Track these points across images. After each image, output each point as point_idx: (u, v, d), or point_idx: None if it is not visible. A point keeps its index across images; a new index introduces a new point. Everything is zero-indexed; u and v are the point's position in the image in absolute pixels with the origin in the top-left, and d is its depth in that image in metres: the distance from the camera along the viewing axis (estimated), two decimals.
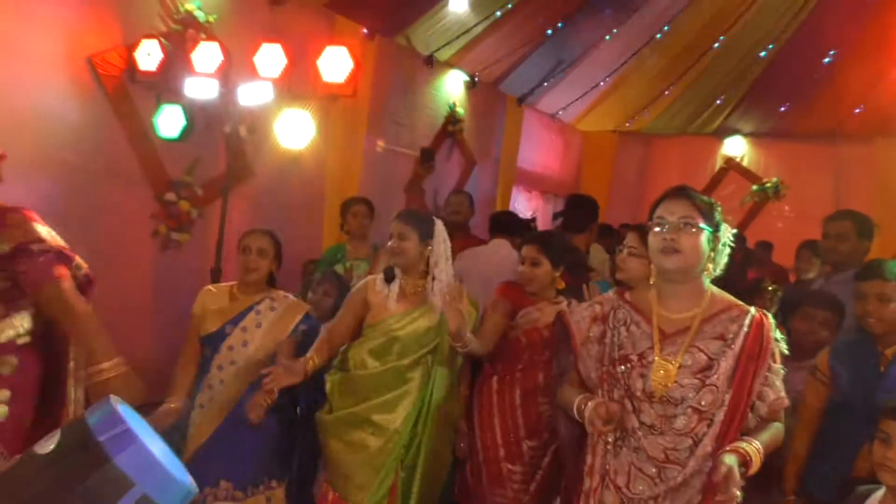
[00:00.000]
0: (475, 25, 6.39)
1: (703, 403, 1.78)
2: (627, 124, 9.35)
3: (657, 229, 1.87)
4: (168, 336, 4.42)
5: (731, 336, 1.82)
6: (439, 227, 2.74)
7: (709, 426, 1.78)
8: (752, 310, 1.88)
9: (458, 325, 2.46)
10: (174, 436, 2.66)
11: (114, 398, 1.06)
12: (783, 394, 1.86)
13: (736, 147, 9.12)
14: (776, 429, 1.87)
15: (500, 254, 3.99)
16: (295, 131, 4.30)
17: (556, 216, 9.66)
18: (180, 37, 4.33)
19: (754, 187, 8.76)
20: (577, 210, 4.43)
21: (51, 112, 3.88)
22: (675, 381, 1.79)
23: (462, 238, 4.68)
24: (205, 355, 2.82)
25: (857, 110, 7.61)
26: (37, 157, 3.84)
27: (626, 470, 1.84)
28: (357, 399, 2.66)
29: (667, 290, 1.90)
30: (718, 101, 8.49)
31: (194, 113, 4.18)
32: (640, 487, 1.81)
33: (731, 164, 9.08)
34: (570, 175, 9.88)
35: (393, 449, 2.62)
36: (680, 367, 1.80)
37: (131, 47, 4.14)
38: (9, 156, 3.45)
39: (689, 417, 1.79)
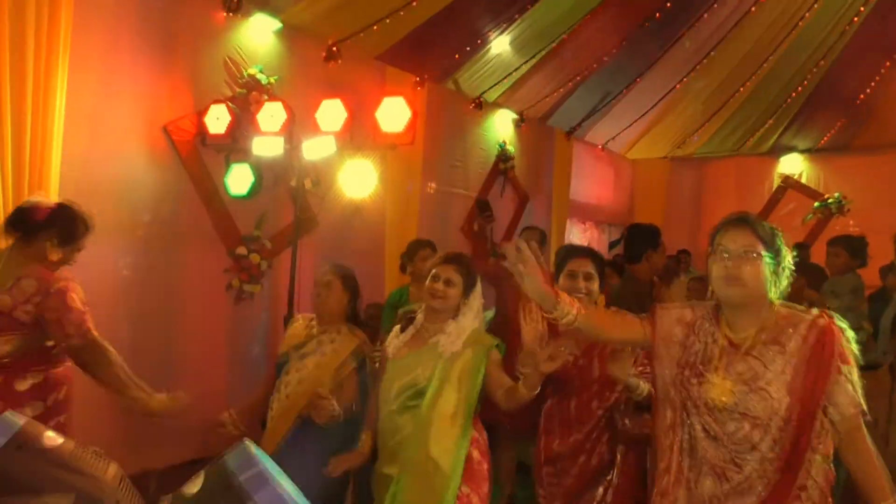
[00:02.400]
0: (521, 65, 6.54)
1: (750, 408, 1.80)
2: (679, 148, 9.31)
3: (719, 258, 1.88)
4: (243, 382, 4.59)
5: (784, 341, 1.82)
6: (479, 281, 2.66)
7: (765, 432, 1.79)
8: (813, 313, 1.86)
9: (532, 338, 2.26)
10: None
11: (247, 441, 1.15)
12: (859, 400, 1.81)
13: (793, 165, 8.98)
14: (874, 462, 1.82)
15: None
16: (358, 181, 4.46)
17: (612, 245, 9.64)
18: (245, 100, 4.59)
19: (816, 204, 8.58)
20: (636, 238, 4.44)
21: (131, 178, 4.14)
22: (733, 392, 1.82)
23: None
24: (276, 378, 2.95)
25: None
26: (120, 221, 4.10)
27: (695, 473, 1.88)
28: (377, 449, 2.61)
29: (731, 313, 1.92)
30: (770, 121, 8.39)
31: (262, 170, 4.39)
32: (707, 485, 1.85)
33: (788, 182, 8.92)
34: (623, 204, 9.87)
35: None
36: (737, 379, 1.83)
37: (201, 113, 4.39)
38: (97, 219, 3.73)
39: (739, 423, 1.81)
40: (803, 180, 8.88)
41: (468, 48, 6.07)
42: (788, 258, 1.90)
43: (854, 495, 1.88)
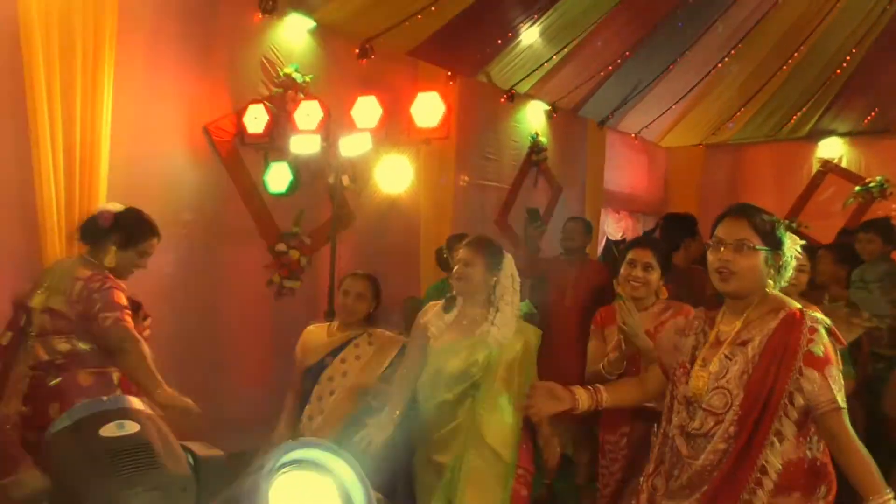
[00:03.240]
0: (551, 57, 6.52)
1: (713, 405, 1.86)
2: (714, 135, 9.18)
3: (715, 249, 1.92)
4: (284, 377, 4.68)
5: (748, 341, 1.86)
6: (509, 260, 2.68)
7: (719, 424, 1.84)
8: (790, 309, 1.86)
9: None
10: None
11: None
12: (830, 395, 1.77)
13: (832, 149, 8.77)
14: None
15: None
16: (394, 176, 4.52)
17: (646, 235, 9.56)
18: (282, 99, 4.67)
19: (857, 188, 8.38)
20: (672, 227, 4.42)
21: (174, 178, 4.26)
22: (703, 387, 1.89)
23: (579, 264, 4.75)
24: (305, 388, 2.99)
25: None
26: (164, 220, 4.16)
27: (674, 464, 1.97)
28: (419, 440, 2.65)
29: (730, 304, 1.96)
30: (808, 104, 8.22)
31: (299, 168, 4.47)
32: (678, 477, 1.94)
33: (828, 166, 8.72)
34: (657, 193, 9.77)
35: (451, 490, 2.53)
36: (709, 374, 1.90)
37: (240, 113, 4.49)
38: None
39: (704, 420, 1.88)
40: (843, 164, 8.67)
41: (499, 41, 6.07)
42: (792, 251, 1.91)
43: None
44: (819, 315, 1.87)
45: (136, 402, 1.48)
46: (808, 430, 1.85)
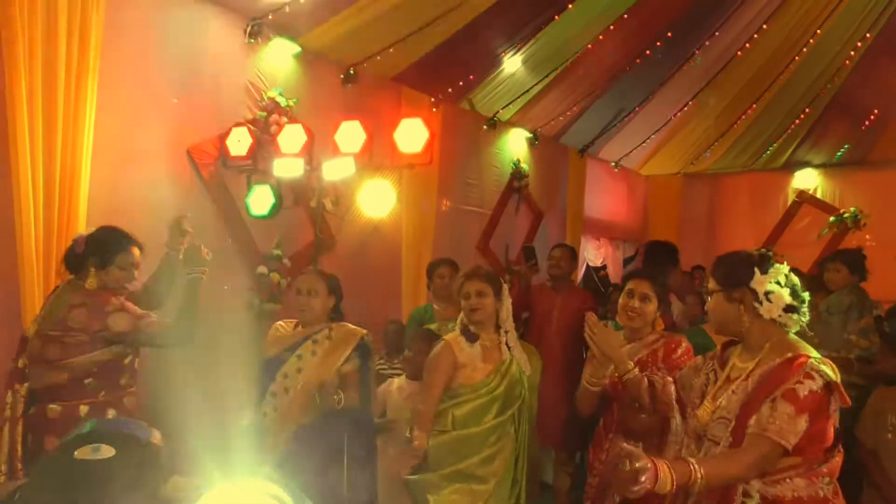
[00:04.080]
0: (533, 85, 6.62)
1: (714, 434, 1.98)
2: (692, 164, 9.33)
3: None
4: None
5: (751, 377, 1.95)
6: (505, 287, 2.98)
7: (717, 447, 1.96)
8: (799, 353, 1.93)
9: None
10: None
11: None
12: (774, 426, 1.83)
13: (807, 179, 8.97)
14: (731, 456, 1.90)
15: None
16: (376, 201, 4.54)
17: (626, 262, 9.64)
18: (266, 122, 4.67)
19: (831, 219, 8.55)
20: (654, 255, 4.47)
21: (156, 200, 4.21)
22: (710, 421, 1.99)
23: (565, 291, 4.78)
24: (262, 382, 2.98)
25: None
26: (146, 241, 4.17)
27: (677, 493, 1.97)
28: (459, 457, 2.76)
29: (745, 343, 2.08)
30: (784, 136, 8.40)
31: (282, 191, 4.47)
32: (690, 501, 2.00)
33: (803, 196, 8.91)
34: (637, 221, 9.89)
35: (500, 490, 2.76)
36: (717, 408, 1.99)
37: (223, 136, 4.49)
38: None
39: (707, 449, 1.99)
40: (818, 195, 8.86)
41: (482, 69, 6.16)
42: (765, 287, 1.98)
43: None
44: (828, 369, 1.88)
45: (138, 428, 1.44)
46: (820, 472, 1.90)
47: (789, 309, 1.98)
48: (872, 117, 7.67)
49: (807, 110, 7.81)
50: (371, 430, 3.01)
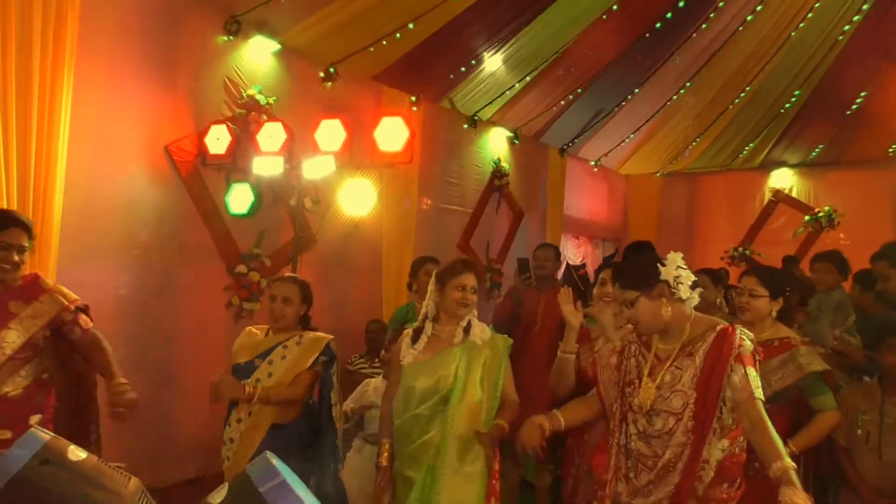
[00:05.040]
0: (514, 85, 6.65)
1: (673, 406, 2.21)
2: (671, 164, 9.43)
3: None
4: None
5: (695, 352, 2.23)
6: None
7: (679, 421, 2.19)
8: (719, 327, 2.25)
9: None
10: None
11: (269, 453, 1.20)
12: (751, 388, 2.14)
13: (783, 179, 9.10)
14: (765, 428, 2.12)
15: None
16: (356, 199, 4.53)
17: (605, 260, 9.72)
18: (245, 120, 4.65)
19: (806, 218, 8.68)
20: (635, 256, 4.51)
21: (133, 198, 4.19)
22: (659, 396, 2.23)
23: (549, 290, 4.80)
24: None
25: None
26: (123, 239, 4.15)
27: (633, 465, 2.28)
28: (398, 451, 2.73)
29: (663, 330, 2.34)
30: (761, 136, 8.52)
31: (261, 189, 4.45)
32: (643, 478, 2.25)
33: (779, 196, 9.04)
34: (616, 220, 9.96)
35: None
36: (661, 384, 2.24)
37: (202, 134, 4.46)
38: (99, 238, 3.79)
39: (666, 420, 2.22)
40: (793, 194, 8.99)
41: (462, 68, 6.17)
42: (670, 275, 2.23)
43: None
44: (746, 331, 2.24)
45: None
46: (738, 431, 2.23)
47: (694, 285, 2.27)
48: (845, 118, 7.79)
49: (782, 110, 7.92)
50: (333, 430, 3.03)
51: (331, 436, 3.03)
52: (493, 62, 6.25)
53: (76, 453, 1.26)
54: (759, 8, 6.44)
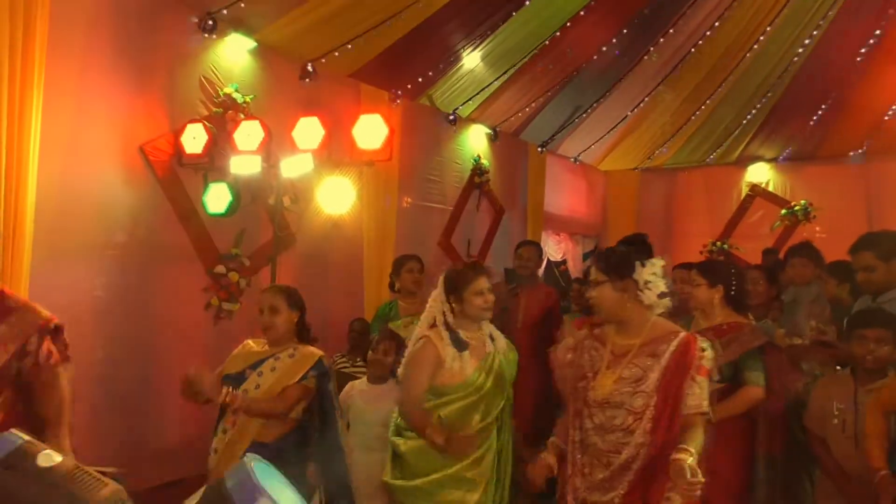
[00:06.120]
0: (493, 81, 6.65)
1: (634, 405, 2.26)
2: (649, 159, 9.49)
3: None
4: None
5: (660, 354, 2.29)
6: None
7: (639, 421, 2.25)
8: (682, 334, 2.34)
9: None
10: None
11: (251, 457, 1.18)
12: (703, 402, 2.27)
13: (760, 174, 9.19)
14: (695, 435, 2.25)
15: None
16: (336, 197, 4.51)
17: (586, 257, 9.76)
18: (222, 119, 4.59)
19: (783, 211, 8.78)
20: (636, 247, 4.54)
21: (108, 199, 4.12)
22: (616, 390, 2.28)
23: (530, 288, 4.81)
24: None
25: (886, 116, 7.67)
26: (97, 241, 4.08)
27: (589, 461, 2.34)
28: (446, 460, 2.68)
29: (617, 326, 2.41)
30: (737, 131, 8.60)
31: (239, 188, 4.40)
32: (597, 473, 2.30)
33: (756, 190, 9.13)
34: (596, 216, 10.00)
35: (488, 498, 2.73)
36: (619, 378, 2.30)
37: (178, 133, 4.39)
38: (73, 240, 3.72)
39: (625, 417, 2.27)
40: (770, 189, 9.09)
41: (441, 65, 6.15)
42: (649, 284, 2.31)
43: None
44: (705, 341, 2.35)
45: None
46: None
47: (662, 295, 2.34)
48: (820, 113, 7.90)
49: (757, 106, 8.01)
50: (339, 453, 2.92)
51: (338, 454, 2.92)
52: (471, 58, 6.24)
53: (50, 458, 1.24)
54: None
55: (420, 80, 6.18)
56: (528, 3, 5.70)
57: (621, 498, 2.24)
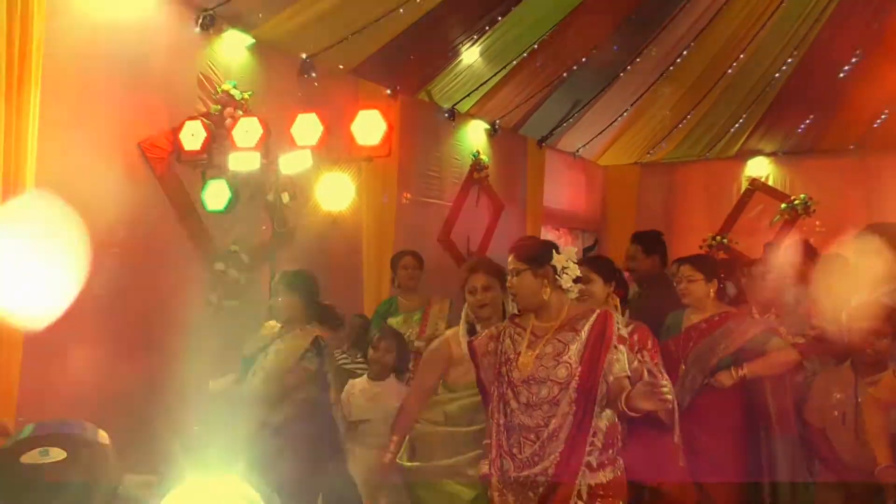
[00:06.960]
0: (492, 76, 6.63)
1: (559, 376, 2.39)
2: (649, 154, 9.47)
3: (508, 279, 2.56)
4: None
5: (579, 328, 2.44)
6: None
7: (565, 391, 2.37)
8: (598, 310, 2.52)
9: None
10: None
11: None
12: (626, 366, 2.44)
13: (760, 168, 9.17)
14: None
15: None
16: (335, 194, 4.50)
17: (586, 251, 9.75)
18: (220, 116, 4.57)
19: (783, 206, 8.77)
20: (649, 245, 4.56)
21: (107, 196, 4.11)
22: (539, 365, 2.40)
23: None
24: (241, 377, 3.16)
25: (881, 118, 7.67)
26: (96, 239, 4.06)
27: (517, 440, 2.42)
28: (449, 452, 2.75)
29: (538, 310, 2.53)
30: (737, 125, 8.59)
31: (238, 185, 4.39)
32: (527, 450, 2.39)
33: (756, 184, 9.11)
34: (595, 210, 9.99)
35: (483, 498, 2.69)
36: (540, 355, 2.43)
37: (176, 130, 4.38)
38: (73, 240, 3.70)
39: (551, 388, 2.39)
40: (770, 183, 9.07)
41: (440, 60, 6.14)
42: (566, 269, 2.46)
43: None
44: (619, 316, 2.61)
45: (82, 429, 1.39)
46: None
47: (577, 280, 2.51)
48: (819, 107, 7.88)
49: (757, 99, 7.99)
50: (331, 422, 3.03)
51: (334, 435, 3.03)
52: (470, 54, 6.23)
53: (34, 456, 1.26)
54: None
55: (418, 75, 6.17)
56: None
57: (554, 467, 2.33)
